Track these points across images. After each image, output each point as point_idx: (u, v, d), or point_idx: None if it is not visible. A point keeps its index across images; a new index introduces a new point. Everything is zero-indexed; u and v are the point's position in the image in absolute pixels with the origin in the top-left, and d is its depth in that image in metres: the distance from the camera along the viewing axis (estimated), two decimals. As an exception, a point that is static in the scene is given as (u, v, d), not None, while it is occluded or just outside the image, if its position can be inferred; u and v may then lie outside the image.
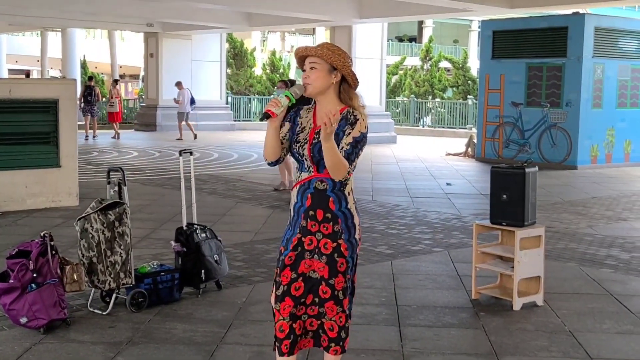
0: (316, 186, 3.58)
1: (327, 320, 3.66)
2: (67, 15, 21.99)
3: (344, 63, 3.57)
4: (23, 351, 4.61)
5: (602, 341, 4.97)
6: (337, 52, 3.57)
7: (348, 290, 3.66)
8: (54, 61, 36.23)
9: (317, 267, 3.60)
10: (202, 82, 25.80)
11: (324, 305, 3.63)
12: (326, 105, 3.60)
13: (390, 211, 9.99)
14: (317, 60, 3.56)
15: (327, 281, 3.60)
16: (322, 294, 3.62)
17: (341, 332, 3.67)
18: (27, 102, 9.46)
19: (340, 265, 3.60)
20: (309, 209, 3.58)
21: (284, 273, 3.61)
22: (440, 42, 45.32)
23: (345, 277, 3.62)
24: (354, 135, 3.52)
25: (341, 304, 3.63)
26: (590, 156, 16.03)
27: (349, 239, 3.61)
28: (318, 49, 3.57)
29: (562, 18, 16.95)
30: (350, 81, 3.62)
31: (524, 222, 5.61)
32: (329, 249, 3.58)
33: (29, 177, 9.56)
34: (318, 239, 3.59)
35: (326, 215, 3.57)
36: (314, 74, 3.56)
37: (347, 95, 3.63)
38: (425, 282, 6.42)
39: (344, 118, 3.57)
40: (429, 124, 28.57)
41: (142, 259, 6.63)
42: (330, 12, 19.29)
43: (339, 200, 3.58)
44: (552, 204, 10.84)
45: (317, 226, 3.58)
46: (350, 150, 3.51)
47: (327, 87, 3.59)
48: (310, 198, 3.58)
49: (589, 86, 15.79)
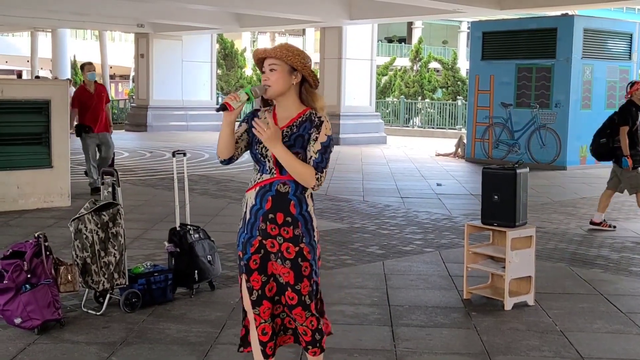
0: (278, 189, 3.52)
1: (299, 325, 3.64)
2: (57, 16, 21.92)
3: (304, 64, 3.52)
4: (17, 352, 4.62)
5: (593, 340, 5.02)
6: (297, 53, 3.51)
7: (314, 292, 3.62)
8: (44, 61, 36.13)
9: (282, 273, 3.57)
10: (193, 82, 25.78)
11: (292, 312, 3.61)
12: (286, 106, 3.57)
13: (381, 211, 10.03)
14: (276, 61, 3.50)
15: (293, 287, 3.56)
16: (289, 300, 3.59)
17: (315, 334, 3.64)
18: (19, 102, 9.45)
19: (304, 269, 3.56)
20: (268, 211, 3.52)
21: (253, 278, 3.60)
22: (429, 43, 45.43)
23: (310, 280, 3.58)
24: (321, 141, 3.49)
25: (309, 309, 3.60)
26: (580, 157, 16.11)
27: (310, 242, 3.57)
28: (277, 50, 3.51)
29: (552, 19, 17.04)
30: (311, 82, 3.58)
31: (515, 222, 5.66)
32: (292, 253, 3.54)
33: (21, 177, 9.54)
34: (279, 243, 3.54)
35: (286, 218, 3.52)
36: (273, 75, 3.51)
37: (309, 96, 3.58)
38: (417, 282, 6.46)
39: (308, 120, 3.54)
40: (418, 124, 28.62)
41: (136, 259, 6.64)
42: (320, 13, 19.32)
43: (299, 204, 3.54)
44: (542, 204, 10.91)
45: (277, 229, 3.53)
46: (319, 158, 3.47)
47: (288, 89, 3.54)
48: (270, 201, 3.52)
49: (578, 87, 15.89)
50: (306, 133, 3.51)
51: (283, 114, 3.58)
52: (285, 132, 3.52)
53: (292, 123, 3.54)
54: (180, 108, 25.66)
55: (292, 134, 3.52)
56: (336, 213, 9.78)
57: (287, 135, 3.51)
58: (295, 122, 3.54)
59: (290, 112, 3.57)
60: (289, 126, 3.54)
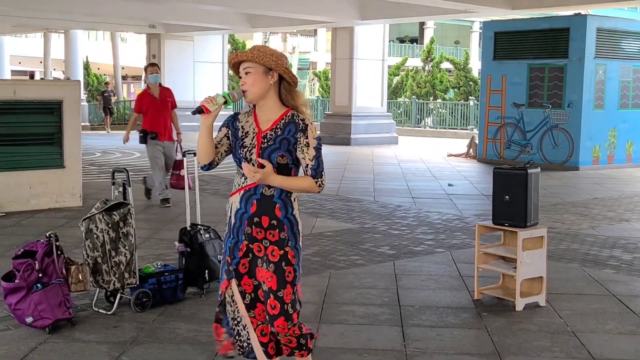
0: (263, 192, 3.49)
1: (283, 337, 3.57)
2: (69, 17, 22.04)
3: (278, 62, 3.47)
4: (29, 350, 4.64)
5: (605, 342, 4.99)
6: (269, 53, 3.48)
7: (297, 302, 3.55)
8: (57, 62, 36.25)
9: (266, 278, 3.52)
10: (204, 83, 25.83)
11: (274, 324, 3.53)
12: (267, 108, 3.53)
13: (393, 212, 10.02)
14: (250, 64, 3.47)
15: (275, 293, 3.50)
16: (271, 309, 3.51)
17: (300, 339, 3.61)
18: (31, 103, 9.49)
19: (287, 274, 3.51)
20: (253, 215, 3.49)
21: (244, 282, 3.57)
22: (441, 43, 45.37)
23: (293, 287, 3.52)
24: (313, 146, 3.47)
25: (291, 319, 3.53)
26: (592, 157, 16.04)
27: (295, 246, 3.54)
28: (249, 53, 3.48)
29: (564, 19, 16.97)
30: (289, 79, 3.52)
31: (527, 222, 5.63)
32: (276, 256, 3.50)
33: (33, 177, 9.59)
34: (265, 246, 3.51)
35: (272, 222, 3.49)
36: (249, 78, 3.48)
37: (289, 94, 3.54)
38: (427, 282, 6.44)
39: (291, 122, 3.50)
40: (430, 124, 28.58)
41: (146, 259, 6.66)
42: (331, 14, 19.32)
43: (285, 207, 3.51)
44: (554, 204, 10.86)
45: (262, 233, 3.50)
46: (315, 164, 3.47)
47: (267, 90, 3.50)
48: (255, 204, 3.49)
49: (590, 87, 15.81)
50: (291, 137, 3.48)
51: (264, 117, 3.55)
52: (269, 134, 3.50)
53: (276, 125, 3.51)
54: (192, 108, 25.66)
55: (276, 136, 3.49)
56: (347, 213, 9.77)
57: (271, 138, 3.49)
58: (278, 124, 3.51)
59: (272, 114, 3.54)
60: (273, 128, 3.51)
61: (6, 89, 9.45)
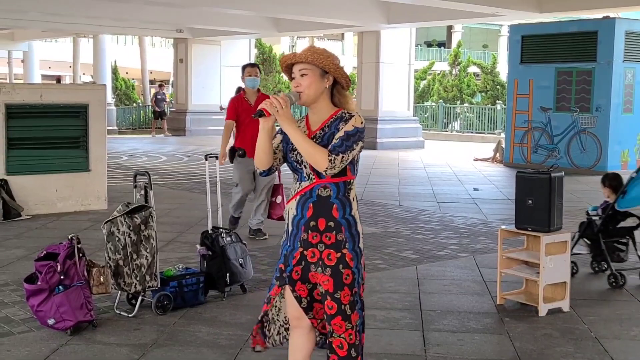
0: (319, 193, 3.41)
1: (336, 337, 3.44)
2: (98, 22, 22.29)
3: (336, 65, 3.43)
4: (50, 352, 4.68)
5: (629, 348, 4.92)
6: (327, 55, 3.43)
7: (357, 304, 3.45)
8: (86, 67, 36.60)
9: (322, 281, 3.42)
10: (231, 87, 25.88)
11: (331, 322, 3.44)
12: (319, 110, 3.49)
13: (417, 216, 9.97)
14: (307, 66, 3.41)
15: (332, 295, 3.41)
16: (328, 309, 3.42)
17: (351, 350, 3.44)
18: (57, 107, 9.60)
19: (346, 277, 3.40)
20: (309, 219, 3.41)
21: (298, 287, 3.49)
22: (469, 47, 45.14)
23: (352, 290, 3.42)
24: (346, 130, 3.37)
25: (349, 320, 3.42)
26: (621, 162, 15.84)
27: (354, 248, 3.43)
28: (308, 54, 3.41)
29: (592, 22, 16.79)
30: (344, 83, 3.49)
31: (550, 227, 5.57)
32: (332, 260, 3.41)
33: (59, 180, 9.69)
34: (320, 251, 3.42)
35: (328, 224, 3.40)
36: (305, 80, 3.42)
37: (342, 98, 3.50)
38: (450, 287, 6.40)
39: (339, 117, 3.45)
40: (457, 129, 28.44)
41: (168, 262, 6.68)
42: (358, 18, 19.31)
43: (343, 207, 3.42)
44: (580, 209, 10.71)
45: (318, 237, 3.42)
46: (339, 142, 3.34)
47: (321, 93, 3.46)
48: (311, 208, 3.41)
49: (619, 91, 15.63)
50: (335, 129, 3.42)
51: (315, 118, 3.52)
52: (318, 134, 3.45)
53: (325, 125, 3.47)
54: (219, 112, 25.81)
55: (324, 134, 3.44)
56: (371, 217, 9.74)
57: (320, 136, 3.44)
58: (327, 123, 3.47)
59: (323, 115, 3.49)
60: (322, 128, 3.47)
61: (33, 93, 9.56)
